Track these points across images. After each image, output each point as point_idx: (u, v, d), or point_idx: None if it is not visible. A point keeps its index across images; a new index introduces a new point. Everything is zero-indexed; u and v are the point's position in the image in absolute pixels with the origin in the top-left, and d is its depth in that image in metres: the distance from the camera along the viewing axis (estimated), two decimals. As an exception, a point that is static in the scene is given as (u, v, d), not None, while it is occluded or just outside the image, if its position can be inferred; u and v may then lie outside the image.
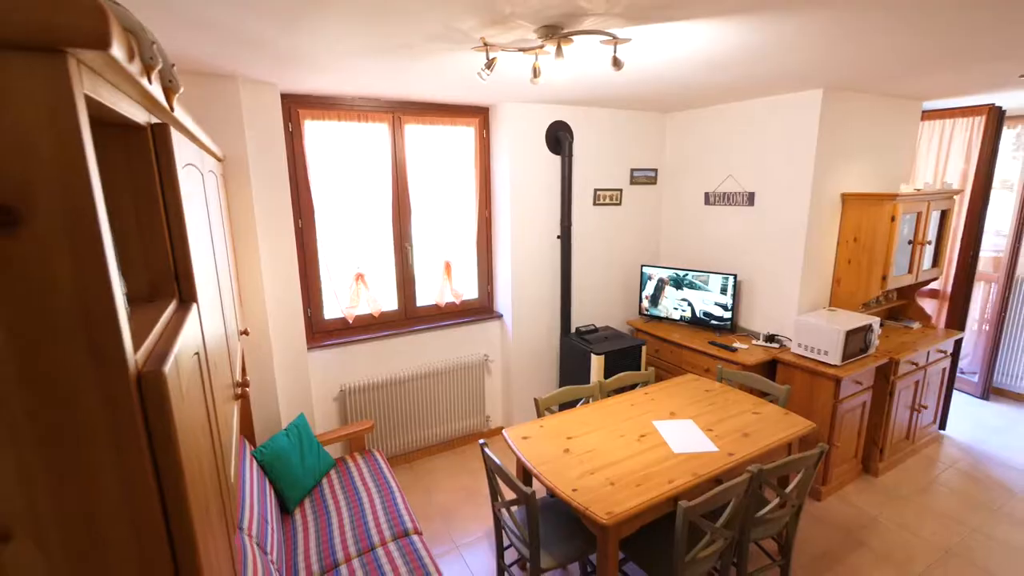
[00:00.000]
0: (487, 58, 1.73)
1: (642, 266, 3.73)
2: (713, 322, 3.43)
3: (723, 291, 3.35)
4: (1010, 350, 4.11)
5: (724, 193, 3.46)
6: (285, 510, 2.35)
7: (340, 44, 1.85)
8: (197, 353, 0.80)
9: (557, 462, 2.09)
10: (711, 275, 3.39)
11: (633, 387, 2.89)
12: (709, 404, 2.55)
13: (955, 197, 3.39)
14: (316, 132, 2.91)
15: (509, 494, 2.95)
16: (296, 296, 2.84)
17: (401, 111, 3.12)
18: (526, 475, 2.25)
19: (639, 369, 3.31)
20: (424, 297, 3.47)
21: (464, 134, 3.39)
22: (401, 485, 3.21)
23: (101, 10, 0.47)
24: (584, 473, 2.01)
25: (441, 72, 2.32)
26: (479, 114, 3.39)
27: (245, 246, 2.56)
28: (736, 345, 3.15)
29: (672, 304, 3.62)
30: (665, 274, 3.62)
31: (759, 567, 2.16)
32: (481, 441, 2.17)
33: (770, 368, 3.08)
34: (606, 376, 3.19)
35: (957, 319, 3.53)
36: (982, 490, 2.98)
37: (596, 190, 3.64)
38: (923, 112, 3.66)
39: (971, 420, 3.79)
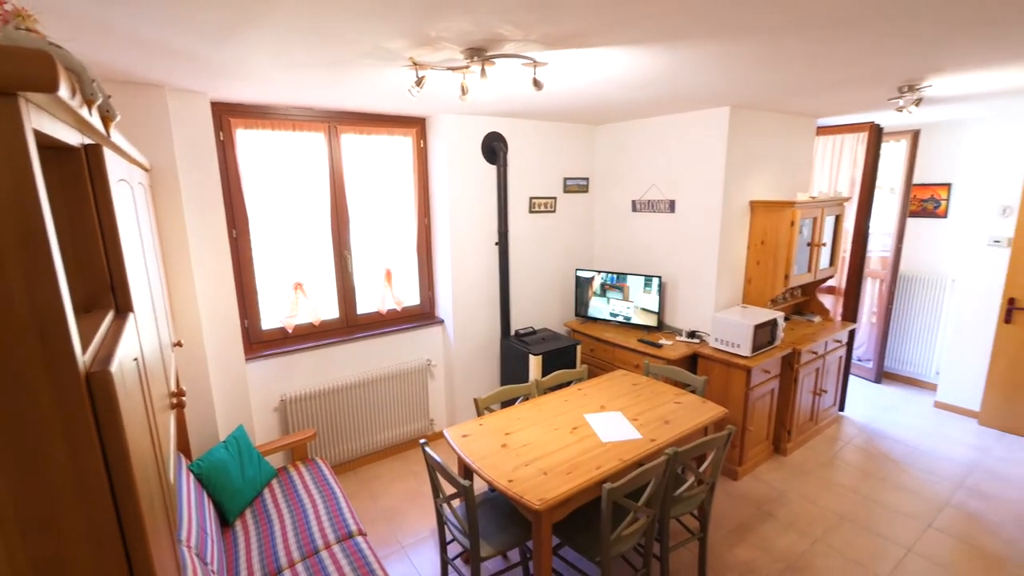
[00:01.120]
0: (417, 76, 1.84)
1: (577, 270, 3.94)
2: (642, 321, 3.68)
3: (651, 292, 3.61)
4: (897, 339, 4.65)
5: (649, 201, 3.73)
6: (225, 522, 2.33)
7: (271, 60, 1.90)
8: (136, 359, 0.86)
9: (495, 457, 2.21)
10: (640, 277, 3.64)
11: (568, 384, 3.06)
12: (636, 397, 2.75)
13: (845, 204, 3.83)
14: (249, 141, 2.89)
15: (451, 490, 3.04)
16: (232, 307, 2.81)
17: (337, 121, 3.16)
18: (467, 471, 2.35)
19: (575, 367, 3.50)
20: (365, 305, 3.50)
21: (402, 143, 3.46)
22: (346, 492, 3.22)
23: (48, 58, 0.55)
24: (520, 465, 2.14)
25: (376, 85, 2.40)
26: (416, 124, 3.48)
27: (176, 257, 2.52)
28: (662, 342, 3.41)
29: (605, 305, 3.85)
30: (598, 277, 3.85)
31: (680, 541, 2.37)
32: (422, 440, 2.25)
33: (692, 362, 3.36)
34: (544, 375, 3.36)
35: (851, 312, 3.98)
36: (873, 462, 3.39)
37: (531, 198, 3.81)
38: (817, 128, 4.11)
39: (866, 401, 4.27)
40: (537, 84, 1.80)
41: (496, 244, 3.71)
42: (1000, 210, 3.71)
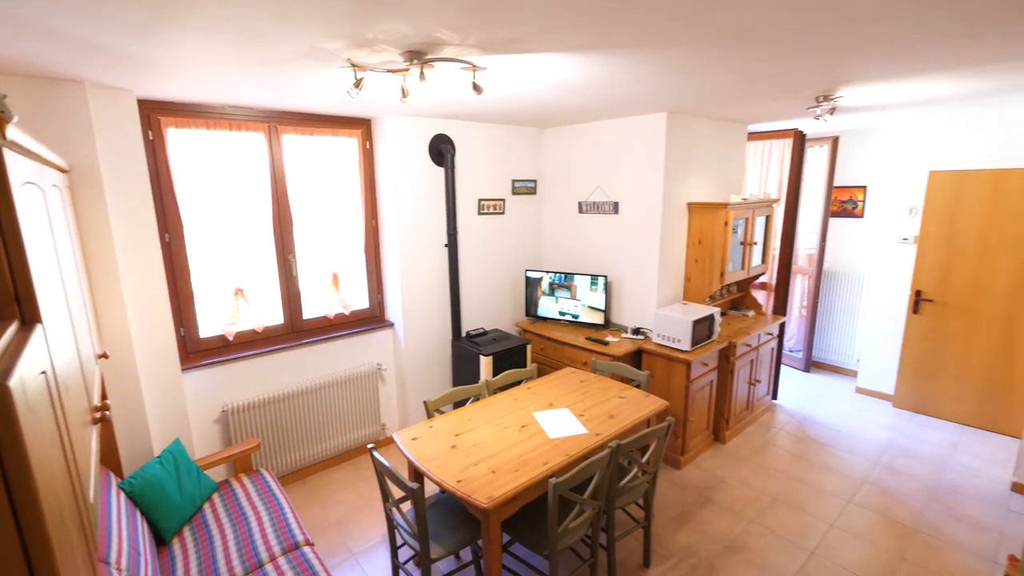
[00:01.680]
0: (355, 78, 1.83)
1: (526, 270, 4.00)
2: (589, 320, 3.78)
3: (597, 291, 3.71)
4: (823, 330, 5.01)
5: (594, 202, 3.84)
6: (162, 541, 2.22)
7: (201, 57, 1.84)
8: (44, 372, 0.82)
9: (444, 458, 2.22)
10: (587, 277, 3.74)
11: (518, 383, 3.11)
12: (583, 393, 2.83)
13: (774, 205, 4.08)
14: (182, 141, 2.77)
15: (400, 494, 3.02)
16: (165, 315, 2.67)
17: (278, 121, 3.07)
18: (417, 474, 2.35)
19: (525, 367, 3.55)
20: (312, 309, 3.42)
21: (347, 145, 3.41)
22: (294, 502, 3.14)
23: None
24: (469, 465, 2.16)
25: (315, 86, 2.36)
26: (361, 125, 3.43)
27: (101, 263, 2.38)
28: (608, 339, 3.52)
29: (554, 305, 3.93)
30: (547, 277, 3.92)
31: (626, 530, 2.46)
32: (370, 445, 2.23)
33: (637, 357, 3.49)
34: (495, 375, 3.39)
35: (782, 306, 4.25)
36: (802, 446, 3.63)
37: (480, 199, 3.84)
38: (749, 134, 4.36)
39: (796, 390, 4.57)
40: (477, 88, 1.83)
41: (445, 246, 3.71)
42: (907, 210, 4.07)
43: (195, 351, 3.00)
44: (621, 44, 1.74)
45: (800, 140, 4.03)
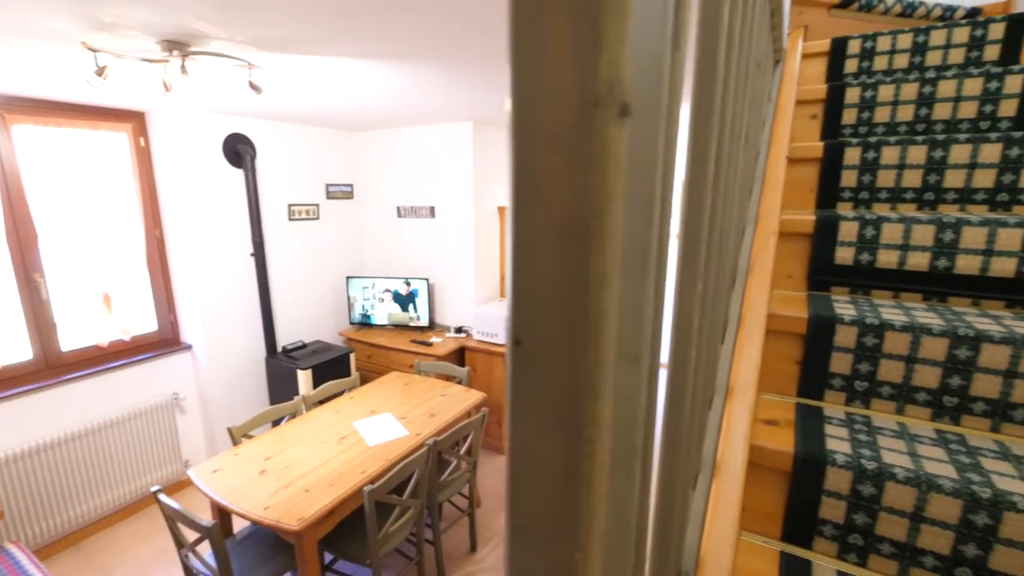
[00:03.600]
0: (97, 64, 1.59)
1: (347, 277, 3.88)
2: (415, 322, 3.83)
3: (421, 294, 3.77)
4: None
5: (412, 207, 3.89)
6: None
7: None
8: None
9: (250, 486, 2.06)
10: (410, 280, 3.77)
11: (341, 394, 3.01)
12: (407, 396, 2.87)
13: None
14: None
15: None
16: None
17: (5, 108, 2.48)
18: (224, 512, 2.14)
19: (350, 376, 3.46)
20: (77, 339, 2.84)
21: (114, 141, 2.90)
22: (63, 574, 2.59)
23: None
24: (279, 489, 2.04)
25: (53, 69, 1.98)
26: (132, 119, 2.95)
27: None
28: (433, 340, 3.61)
29: (379, 310, 3.88)
30: (370, 283, 3.85)
31: (453, 521, 2.58)
32: (154, 488, 1.96)
33: (460, 355, 3.64)
34: (315, 389, 3.23)
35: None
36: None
37: (290, 205, 3.61)
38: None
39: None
40: (254, 88, 1.73)
41: (251, 255, 3.40)
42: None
43: None
44: (403, 55, 1.81)
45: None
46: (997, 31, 1.44)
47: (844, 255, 1.15)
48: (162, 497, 1.91)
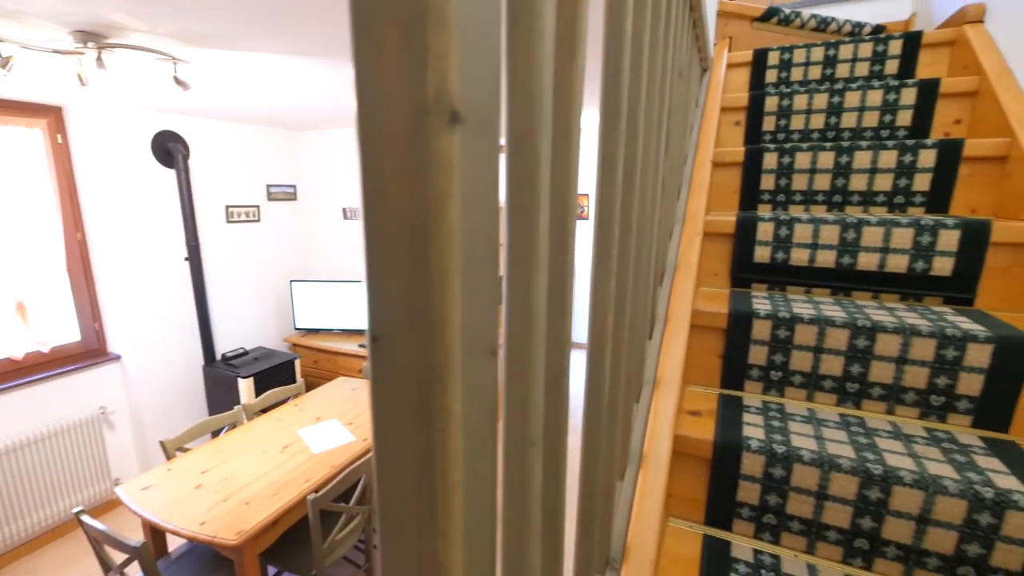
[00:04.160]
0: (0, 55, 1.47)
1: (292, 281, 3.76)
2: (363, 326, 3.75)
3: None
4: (580, 312, 5.92)
5: (357, 208, 3.81)
6: None
7: None
8: None
9: (184, 502, 1.96)
10: (357, 283, 3.70)
11: (285, 401, 2.91)
12: (354, 401, 2.81)
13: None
14: None
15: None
16: None
17: None
18: (157, 530, 2.03)
19: (295, 383, 3.35)
20: (-17, 351, 2.62)
21: (26, 137, 2.69)
22: (-32, 610, 2.38)
23: None
24: (216, 503, 1.96)
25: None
26: (47, 114, 2.75)
27: None
28: (383, 343, 3.55)
29: (326, 315, 3.78)
30: (316, 286, 3.75)
31: (403, 527, 2.54)
32: (76, 509, 1.83)
33: (412, 357, 3.60)
34: (258, 397, 3.11)
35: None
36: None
37: (228, 206, 3.45)
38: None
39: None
40: (180, 83, 1.65)
41: (186, 259, 3.23)
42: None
43: None
44: (345, 54, 1.78)
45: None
46: (896, 47, 1.58)
47: (762, 254, 1.23)
48: (85, 518, 1.79)
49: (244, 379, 3.08)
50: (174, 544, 2.20)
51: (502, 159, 0.27)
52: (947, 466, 0.83)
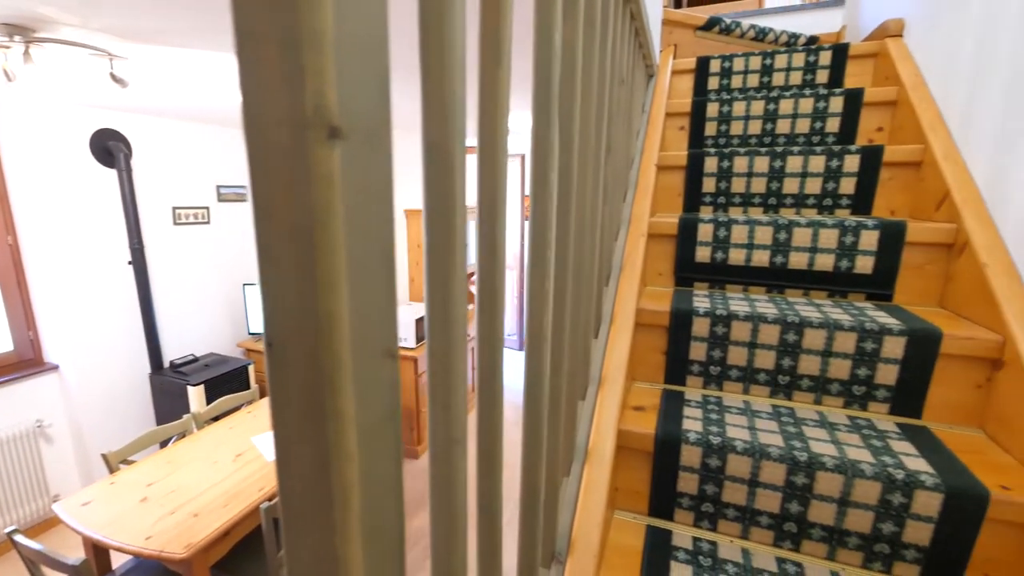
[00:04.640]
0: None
1: (245, 285, 3.64)
2: (324, 329, 3.68)
3: (328, 299, 3.63)
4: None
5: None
6: None
7: None
8: None
9: (129, 517, 1.88)
10: (315, 286, 3.62)
11: (238, 408, 2.83)
12: (312, 406, 2.75)
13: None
14: None
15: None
16: None
17: None
18: (99, 547, 1.93)
19: (249, 389, 3.25)
20: (-102, 364, 2.42)
21: (-55, 135, 2.51)
22: None
23: None
24: (163, 516, 1.88)
25: None
26: (-30, 110, 2.57)
27: None
28: (342, 346, 3.49)
29: (283, 318, 3.69)
30: (271, 290, 3.64)
31: (363, 533, 2.51)
32: (9, 528, 1.73)
33: (373, 360, 3.55)
34: (209, 405, 3.00)
35: (502, 297, 4.91)
36: (518, 413, 4.28)
37: (176, 208, 3.32)
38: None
39: (516, 368, 5.36)
40: (117, 80, 1.58)
41: (129, 263, 3.08)
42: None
43: None
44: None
45: (502, 154, 4.70)
46: (826, 58, 1.68)
47: (703, 254, 1.28)
48: (18, 538, 1.69)
49: (194, 387, 2.96)
50: (119, 561, 2.10)
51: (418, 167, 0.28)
52: (865, 451, 0.89)
